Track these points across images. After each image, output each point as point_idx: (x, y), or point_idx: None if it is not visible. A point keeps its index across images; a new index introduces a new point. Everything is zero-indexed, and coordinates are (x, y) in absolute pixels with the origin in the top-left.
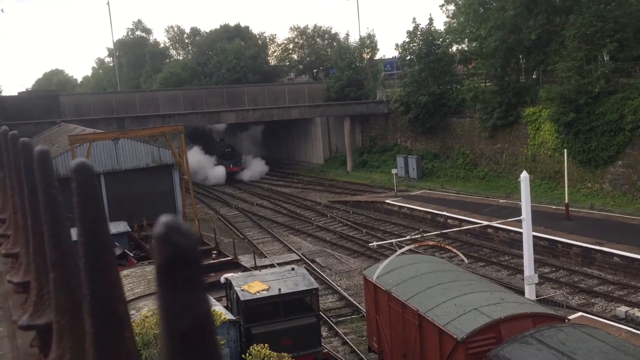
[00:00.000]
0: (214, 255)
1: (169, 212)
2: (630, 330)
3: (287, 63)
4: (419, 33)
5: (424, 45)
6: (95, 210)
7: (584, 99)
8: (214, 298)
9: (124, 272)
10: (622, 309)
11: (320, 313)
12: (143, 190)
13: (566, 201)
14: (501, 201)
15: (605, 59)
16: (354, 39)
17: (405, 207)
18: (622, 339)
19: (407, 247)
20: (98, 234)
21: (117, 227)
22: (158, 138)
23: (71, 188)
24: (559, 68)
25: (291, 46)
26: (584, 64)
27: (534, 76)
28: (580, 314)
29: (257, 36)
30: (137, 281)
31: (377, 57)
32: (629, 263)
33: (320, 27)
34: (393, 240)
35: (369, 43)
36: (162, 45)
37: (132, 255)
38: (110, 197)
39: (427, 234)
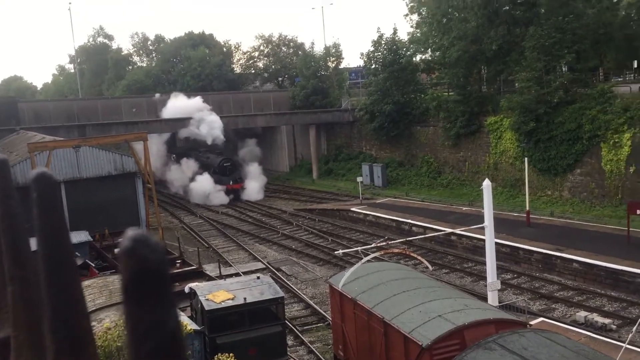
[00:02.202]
0: (178, 265)
1: (132, 221)
2: (589, 335)
3: (253, 71)
4: (383, 42)
5: (389, 54)
6: (57, 222)
7: (544, 109)
8: (178, 308)
9: (86, 283)
10: (582, 314)
11: (286, 322)
12: (105, 198)
13: (527, 208)
14: (464, 209)
15: (564, 69)
16: (319, 47)
17: (370, 214)
18: (581, 343)
19: (372, 255)
20: (59, 247)
21: (78, 236)
22: (120, 146)
23: (31, 199)
24: (519, 78)
25: (256, 54)
26: (543, 75)
27: (495, 86)
28: (541, 319)
29: (222, 44)
30: (99, 292)
31: (342, 65)
32: (588, 269)
33: (286, 35)
34: (359, 248)
35: (334, 52)
36: (125, 52)
37: (93, 265)
38: (71, 206)
39: (392, 242)
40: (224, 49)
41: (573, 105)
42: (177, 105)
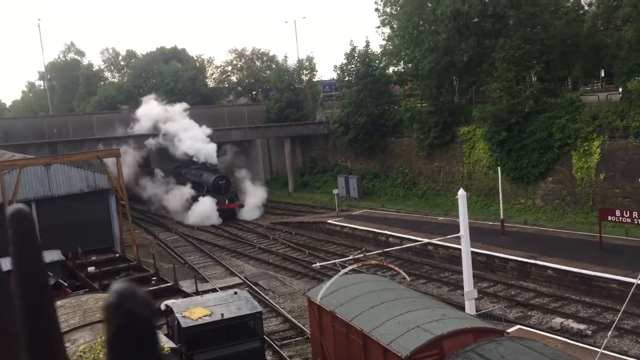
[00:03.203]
0: (153, 282)
1: (105, 238)
2: (565, 341)
3: (226, 85)
4: (356, 55)
5: (362, 67)
6: (32, 258)
7: (515, 118)
8: None
9: (58, 303)
10: (558, 321)
11: (265, 337)
12: (78, 216)
13: (501, 217)
14: (440, 218)
15: (533, 79)
16: (292, 60)
17: (347, 226)
18: (558, 350)
19: (350, 267)
20: (35, 283)
21: (50, 255)
22: (92, 163)
23: (8, 235)
24: (491, 89)
25: (230, 68)
26: (513, 85)
27: (467, 96)
28: (518, 326)
29: (195, 58)
30: (72, 312)
31: (316, 78)
32: (562, 275)
33: (259, 49)
34: (336, 260)
35: (307, 65)
36: (96, 67)
37: (66, 284)
38: (43, 225)
39: (370, 253)
40: (197, 64)
41: (543, 114)
42: (153, 112)
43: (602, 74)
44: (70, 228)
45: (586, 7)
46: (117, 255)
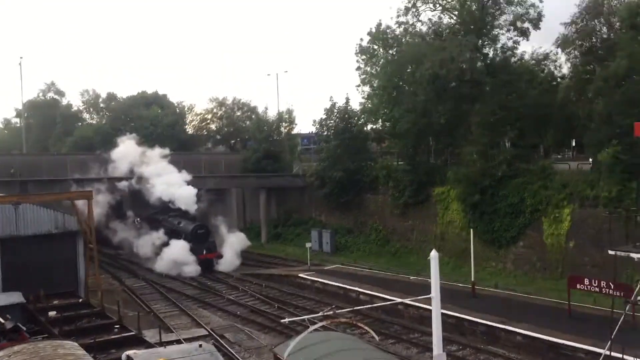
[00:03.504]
0: (115, 330)
1: (70, 282)
2: None
3: (205, 133)
4: (336, 111)
5: (341, 123)
6: None
7: (488, 182)
8: None
9: (14, 349)
10: None
11: None
12: (44, 258)
13: (472, 279)
14: (412, 278)
15: (507, 145)
16: (272, 112)
17: (318, 281)
18: None
19: (319, 324)
20: None
21: (10, 298)
22: (62, 203)
23: None
24: (466, 151)
25: (209, 116)
26: (488, 149)
27: (443, 157)
28: None
29: (176, 104)
30: (29, 358)
31: (295, 131)
32: (531, 342)
33: (240, 99)
34: (305, 316)
35: (287, 117)
36: (75, 108)
37: (24, 329)
38: (7, 265)
39: (340, 311)
40: (177, 110)
41: (516, 179)
42: (130, 154)
43: (573, 144)
44: (34, 269)
45: (559, 80)
46: (81, 300)
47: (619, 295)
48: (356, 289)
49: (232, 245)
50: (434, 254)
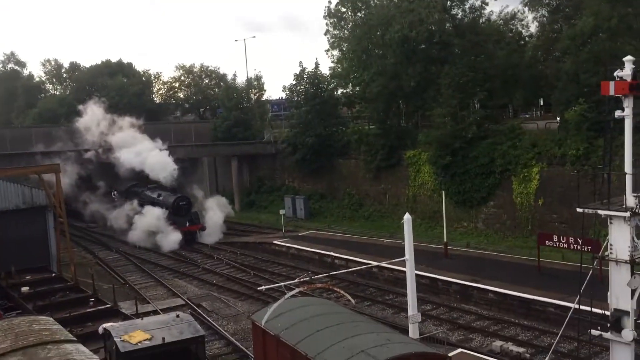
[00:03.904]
0: (91, 303)
1: (41, 257)
2: None
3: (173, 101)
4: (305, 76)
5: (311, 88)
6: None
7: (459, 143)
8: (91, 350)
9: None
10: (497, 344)
11: None
12: (13, 234)
13: (445, 240)
14: (385, 241)
15: (477, 106)
16: (241, 79)
17: (293, 247)
18: None
19: (295, 290)
20: None
21: None
22: (29, 177)
23: None
24: (436, 114)
25: (177, 84)
26: (458, 111)
27: (414, 120)
28: (460, 350)
29: (142, 73)
30: (3, 335)
31: (265, 97)
32: (502, 299)
33: (208, 66)
34: (282, 283)
35: (256, 84)
36: (37, 79)
37: None
38: None
39: (316, 276)
40: (144, 79)
41: (486, 140)
42: (98, 121)
43: (541, 103)
44: (4, 245)
45: (527, 39)
46: (54, 275)
47: (587, 251)
48: (331, 253)
49: (216, 214)
50: (407, 217)
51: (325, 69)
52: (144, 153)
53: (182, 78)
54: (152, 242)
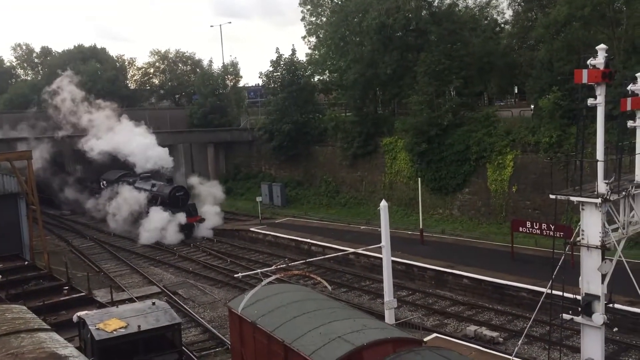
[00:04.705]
0: (65, 292)
1: (13, 245)
2: (479, 349)
3: (148, 88)
4: (282, 63)
5: (287, 75)
6: None
7: (435, 131)
8: (65, 338)
9: None
10: (472, 328)
11: (184, 348)
12: None
13: (421, 227)
14: (362, 227)
15: (452, 94)
16: (217, 65)
17: (270, 234)
18: (472, 357)
19: (272, 277)
20: None
21: None
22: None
23: None
24: (412, 101)
25: (152, 70)
26: (434, 98)
27: (390, 108)
28: (435, 335)
29: (115, 58)
30: None
31: (241, 84)
32: (477, 284)
33: (183, 52)
34: (259, 270)
35: (232, 70)
36: (7, 64)
37: None
38: None
39: (293, 263)
40: (117, 64)
41: (461, 128)
42: (72, 104)
43: (516, 91)
44: None
45: (502, 27)
46: (26, 263)
47: (559, 237)
48: (308, 240)
49: (212, 205)
50: (383, 204)
51: (302, 55)
52: (130, 140)
53: (157, 64)
54: (156, 240)
